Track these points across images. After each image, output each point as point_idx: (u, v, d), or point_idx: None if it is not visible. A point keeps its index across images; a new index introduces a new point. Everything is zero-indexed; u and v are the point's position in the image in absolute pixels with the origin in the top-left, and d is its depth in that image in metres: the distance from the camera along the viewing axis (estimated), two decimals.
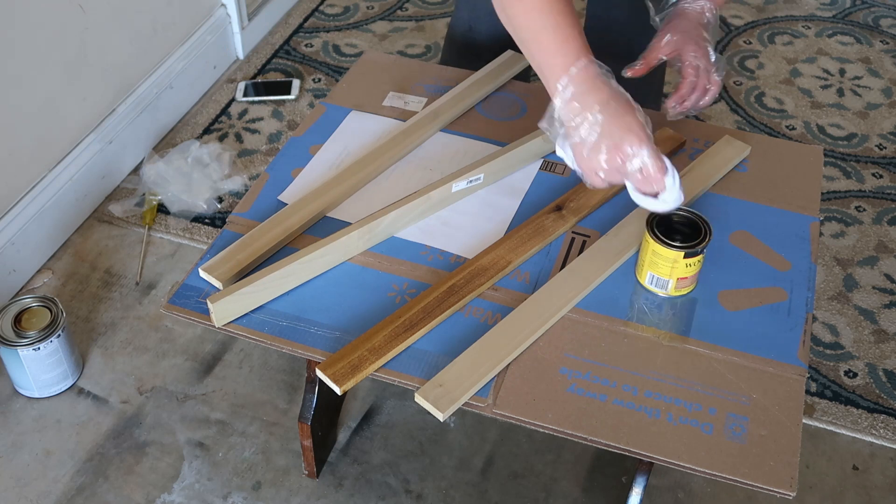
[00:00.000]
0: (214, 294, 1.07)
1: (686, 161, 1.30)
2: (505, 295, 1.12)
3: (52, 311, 1.48)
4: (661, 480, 1.41)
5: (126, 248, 1.78)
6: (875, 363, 1.59)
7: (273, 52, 2.29)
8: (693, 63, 1.18)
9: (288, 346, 1.06)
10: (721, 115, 2.13)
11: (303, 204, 1.20)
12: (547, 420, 0.99)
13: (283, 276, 1.09)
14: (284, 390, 1.53)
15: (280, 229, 1.17)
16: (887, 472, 1.44)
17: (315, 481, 1.41)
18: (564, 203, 1.21)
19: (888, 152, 2.03)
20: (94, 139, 1.82)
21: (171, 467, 1.43)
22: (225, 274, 1.11)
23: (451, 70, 1.47)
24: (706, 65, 1.18)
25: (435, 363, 1.04)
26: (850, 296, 1.70)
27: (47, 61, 1.66)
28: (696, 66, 1.18)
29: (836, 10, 2.49)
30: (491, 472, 1.42)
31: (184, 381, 1.55)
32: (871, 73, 2.26)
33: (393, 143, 1.30)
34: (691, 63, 1.18)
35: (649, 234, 1.08)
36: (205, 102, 2.12)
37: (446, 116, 1.35)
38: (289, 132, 2.04)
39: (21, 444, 1.45)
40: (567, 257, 1.16)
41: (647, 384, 1.02)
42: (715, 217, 1.20)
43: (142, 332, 1.62)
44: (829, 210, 1.88)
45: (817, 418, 1.50)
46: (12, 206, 1.66)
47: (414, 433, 1.47)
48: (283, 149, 1.32)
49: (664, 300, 1.11)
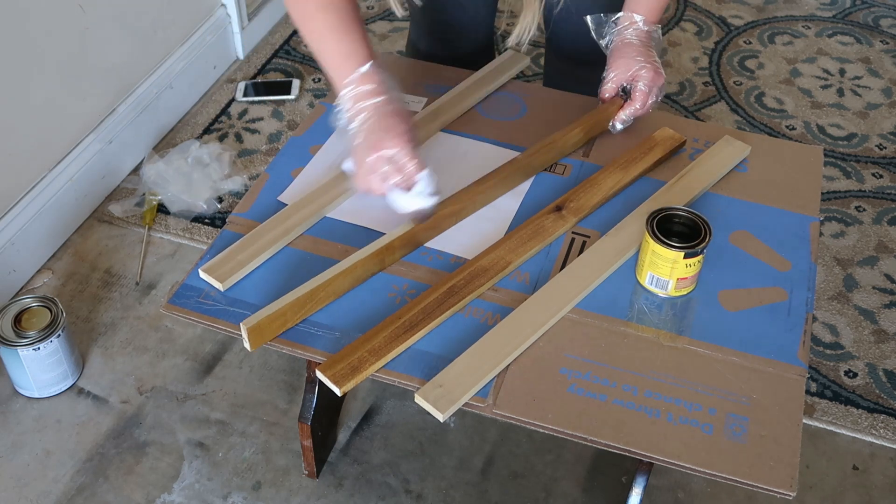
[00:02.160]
0: (252, 324, 1.04)
1: (686, 161, 1.30)
2: (505, 295, 1.12)
3: (52, 311, 1.48)
4: (661, 480, 1.41)
5: (126, 248, 1.78)
6: (875, 363, 1.59)
7: (273, 52, 2.29)
8: (640, 90, 1.28)
9: (288, 347, 1.06)
10: (721, 115, 2.13)
11: (303, 204, 1.20)
12: (547, 420, 0.99)
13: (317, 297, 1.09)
14: (284, 390, 1.53)
15: (280, 230, 1.17)
16: (887, 472, 1.44)
17: (315, 481, 1.41)
18: (564, 203, 1.21)
19: (888, 152, 2.03)
20: (94, 139, 1.82)
21: (171, 467, 1.43)
22: (225, 274, 1.11)
23: (451, 70, 1.47)
24: (649, 86, 1.28)
25: (435, 364, 1.04)
26: (850, 296, 1.70)
27: (47, 61, 1.66)
28: (643, 91, 1.28)
29: (836, 10, 2.49)
30: (491, 472, 1.42)
31: (184, 381, 1.55)
32: (871, 73, 2.26)
33: None
34: (639, 90, 1.28)
35: (649, 235, 1.08)
36: (205, 102, 2.12)
37: (446, 117, 1.35)
38: (289, 132, 2.04)
39: (21, 444, 1.45)
40: (567, 258, 1.16)
41: (647, 384, 1.02)
42: (715, 217, 1.20)
43: (142, 332, 1.62)
44: (829, 210, 1.88)
45: (817, 418, 1.50)
46: (12, 206, 1.66)
47: (414, 433, 1.47)
48: (283, 149, 1.32)
49: (664, 300, 1.11)
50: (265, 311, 1.05)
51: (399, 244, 1.14)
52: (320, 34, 1.13)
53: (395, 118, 1.09)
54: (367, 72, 1.10)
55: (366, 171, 1.10)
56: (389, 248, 1.13)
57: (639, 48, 1.28)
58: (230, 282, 1.11)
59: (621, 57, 1.29)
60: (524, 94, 1.42)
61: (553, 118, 1.37)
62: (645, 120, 1.36)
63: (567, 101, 1.41)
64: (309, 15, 1.13)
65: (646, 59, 1.27)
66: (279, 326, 1.06)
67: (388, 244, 1.13)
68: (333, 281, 1.09)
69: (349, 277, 1.11)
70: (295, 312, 1.07)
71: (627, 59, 1.28)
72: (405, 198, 1.11)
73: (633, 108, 1.30)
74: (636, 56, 1.28)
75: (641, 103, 1.29)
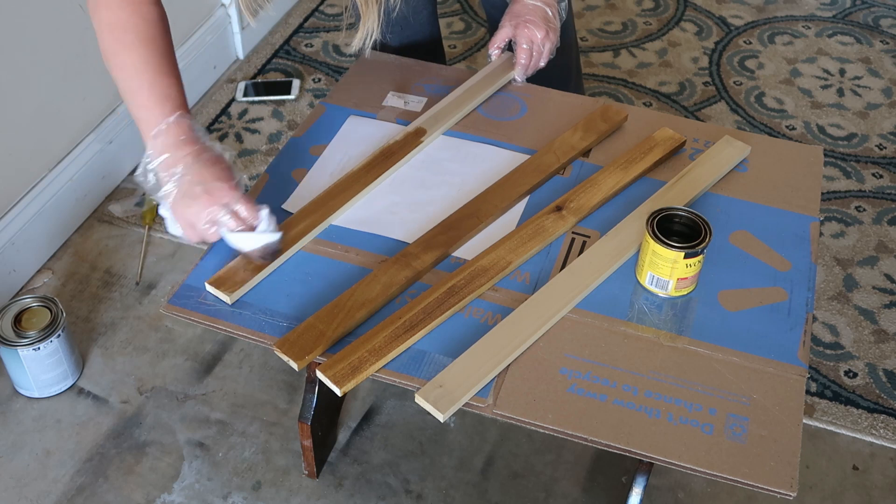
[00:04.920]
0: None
1: (686, 161, 1.30)
2: (505, 295, 1.12)
3: (52, 311, 1.48)
4: (661, 480, 1.41)
5: (126, 248, 1.78)
6: (875, 363, 1.59)
7: (273, 52, 2.29)
8: (522, 44, 1.37)
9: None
10: (721, 115, 2.13)
11: (307, 213, 1.19)
12: (547, 420, 0.99)
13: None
14: (284, 390, 1.53)
15: (285, 239, 1.15)
16: (887, 472, 1.44)
17: (315, 481, 1.41)
18: (564, 203, 1.21)
19: (888, 152, 2.03)
20: (93, 139, 1.82)
21: (171, 467, 1.43)
22: (233, 287, 1.10)
23: (451, 70, 1.47)
24: (538, 39, 1.36)
25: (435, 364, 1.04)
26: (850, 296, 1.70)
27: (47, 61, 1.66)
28: (527, 45, 1.36)
29: (836, 10, 2.49)
30: (491, 472, 1.42)
31: (184, 381, 1.55)
32: (871, 73, 2.26)
33: (396, 148, 1.29)
34: (520, 44, 1.37)
35: (649, 235, 1.08)
36: (205, 102, 2.12)
37: (449, 121, 1.34)
38: (289, 132, 2.04)
39: (21, 444, 1.45)
40: (567, 258, 1.16)
41: (647, 384, 1.03)
42: (715, 217, 1.20)
43: (142, 332, 1.62)
44: (829, 210, 1.88)
45: (817, 418, 1.50)
46: (12, 206, 1.66)
47: (414, 433, 1.47)
48: (283, 149, 1.32)
49: (664, 300, 1.11)
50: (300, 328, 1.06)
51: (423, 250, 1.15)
52: (133, 71, 1.08)
53: (218, 166, 1.07)
54: (177, 120, 1.07)
55: (203, 222, 1.07)
56: (414, 255, 1.14)
57: (531, 7, 1.35)
58: (238, 294, 1.11)
59: (510, 13, 1.37)
60: (524, 94, 1.42)
61: (553, 118, 1.37)
62: (645, 120, 1.36)
63: (567, 101, 1.41)
64: (122, 48, 1.08)
65: (533, 16, 1.35)
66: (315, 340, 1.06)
67: (414, 251, 1.14)
68: (364, 289, 1.10)
69: (378, 285, 1.11)
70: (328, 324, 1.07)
71: (515, 17, 1.36)
72: (249, 238, 1.09)
73: (520, 64, 1.38)
74: (527, 15, 1.35)
75: (525, 59, 1.37)
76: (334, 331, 1.05)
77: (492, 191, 1.23)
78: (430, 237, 1.17)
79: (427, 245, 1.15)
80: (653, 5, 2.49)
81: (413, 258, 1.13)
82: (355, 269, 1.15)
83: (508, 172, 1.26)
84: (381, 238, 1.18)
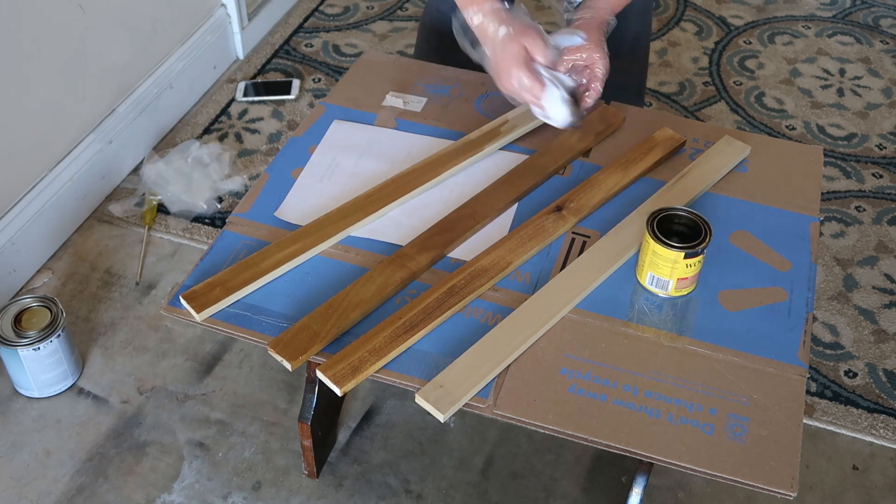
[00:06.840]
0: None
1: (686, 161, 1.30)
2: (505, 296, 1.12)
3: (52, 311, 1.48)
4: (661, 480, 1.41)
5: (126, 248, 1.78)
6: (875, 363, 1.59)
7: (273, 52, 2.29)
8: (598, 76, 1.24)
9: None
10: (721, 115, 2.13)
11: (298, 236, 1.16)
12: (547, 420, 0.99)
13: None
14: (284, 390, 1.53)
15: (271, 261, 1.13)
16: (887, 472, 1.44)
17: (315, 481, 1.41)
18: (564, 203, 1.21)
19: (888, 152, 2.03)
20: (94, 139, 1.82)
21: (171, 467, 1.43)
22: (204, 304, 1.07)
23: (451, 70, 1.46)
24: (601, 74, 1.24)
25: (435, 364, 1.04)
26: (850, 296, 1.70)
27: (47, 61, 1.66)
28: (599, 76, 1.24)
29: (836, 10, 2.49)
30: (491, 472, 1.42)
31: (184, 381, 1.55)
32: (871, 73, 2.27)
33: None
34: (595, 87, 1.24)
35: (649, 235, 1.08)
36: (205, 102, 2.12)
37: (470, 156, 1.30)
38: (289, 132, 2.04)
39: (21, 444, 1.45)
40: (567, 258, 1.16)
41: (647, 384, 1.02)
42: (715, 217, 1.20)
43: (142, 332, 1.62)
44: (829, 210, 1.88)
45: (817, 418, 1.50)
46: (12, 206, 1.66)
47: (414, 433, 1.47)
48: (283, 149, 1.32)
49: (664, 300, 1.11)
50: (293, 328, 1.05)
51: (418, 251, 1.15)
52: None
53: (516, 44, 1.15)
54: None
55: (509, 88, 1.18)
56: (409, 255, 1.14)
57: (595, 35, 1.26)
58: (207, 313, 1.09)
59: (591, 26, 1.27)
60: None
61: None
62: (645, 120, 1.36)
63: None
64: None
65: (597, 47, 1.26)
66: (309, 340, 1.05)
67: (409, 252, 1.14)
68: (358, 290, 1.09)
69: (374, 285, 1.10)
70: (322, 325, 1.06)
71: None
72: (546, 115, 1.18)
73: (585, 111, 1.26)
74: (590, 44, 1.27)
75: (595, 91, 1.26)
76: (328, 331, 1.05)
77: (489, 191, 1.23)
78: (425, 238, 1.17)
79: (423, 246, 1.15)
80: (653, 5, 2.49)
81: (408, 259, 1.13)
82: (356, 269, 1.14)
83: (506, 173, 1.26)
84: (377, 243, 1.18)
